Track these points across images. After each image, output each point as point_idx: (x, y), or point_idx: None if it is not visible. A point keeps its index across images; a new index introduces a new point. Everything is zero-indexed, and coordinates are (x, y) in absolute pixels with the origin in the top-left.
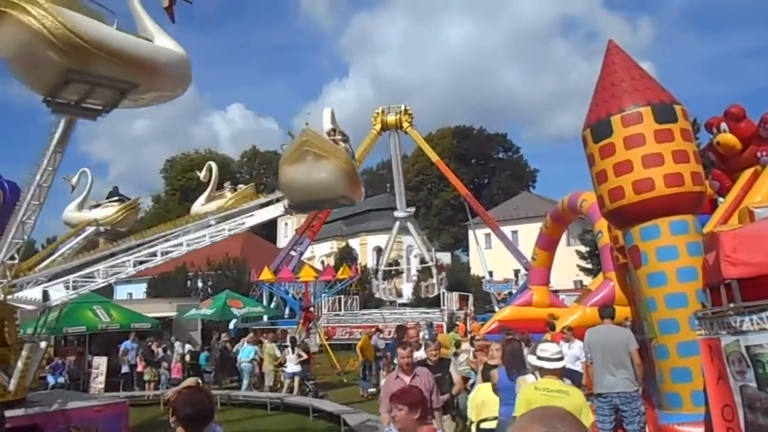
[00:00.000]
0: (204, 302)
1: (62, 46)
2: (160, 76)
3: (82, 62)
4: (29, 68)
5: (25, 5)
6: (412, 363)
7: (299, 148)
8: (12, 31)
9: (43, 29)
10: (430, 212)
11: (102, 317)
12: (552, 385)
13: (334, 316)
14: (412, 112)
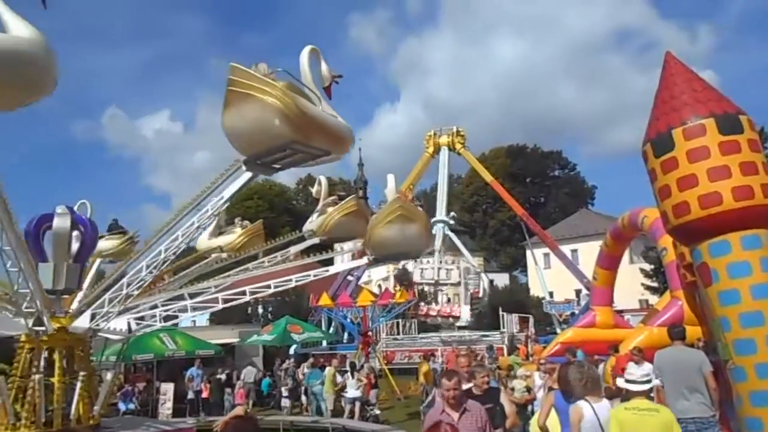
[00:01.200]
0: (265, 328)
1: (296, 123)
2: (343, 144)
3: (307, 136)
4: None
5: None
6: (460, 397)
7: (394, 212)
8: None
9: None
10: (486, 233)
11: (168, 345)
12: (641, 405)
13: (393, 340)
14: (465, 133)
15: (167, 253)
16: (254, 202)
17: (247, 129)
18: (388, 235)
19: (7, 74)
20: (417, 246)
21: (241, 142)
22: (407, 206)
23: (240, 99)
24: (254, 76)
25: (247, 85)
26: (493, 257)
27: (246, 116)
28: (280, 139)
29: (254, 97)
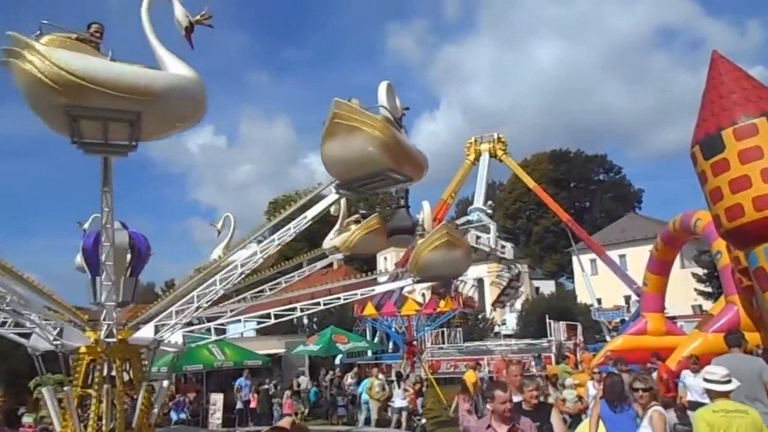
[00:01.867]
0: (310, 338)
1: (57, 86)
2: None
3: (79, 97)
4: (43, 112)
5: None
6: (512, 411)
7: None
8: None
9: (35, 71)
10: (531, 240)
11: (217, 355)
12: (729, 406)
13: (438, 350)
14: (506, 139)
15: (243, 269)
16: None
17: (348, 157)
18: (434, 259)
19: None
20: (373, 163)
21: (339, 169)
22: (453, 232)
23: (345, 131)
24: (357, 110)
25: (351, 118)
26: (538, 264)
27: (349, 146)
28: (378, 167)
29: (359, 129)
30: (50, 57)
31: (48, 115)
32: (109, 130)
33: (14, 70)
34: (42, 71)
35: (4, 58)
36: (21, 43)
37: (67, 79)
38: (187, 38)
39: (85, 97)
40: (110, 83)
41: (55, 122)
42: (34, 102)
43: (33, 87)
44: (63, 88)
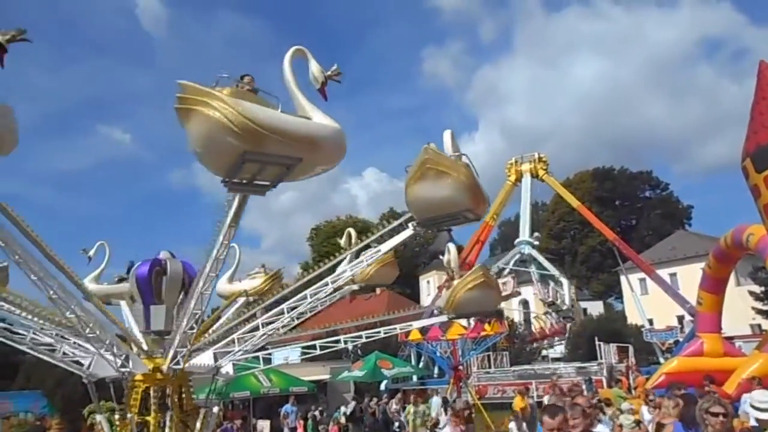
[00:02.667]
0: (355, 364)
1: (241, 132)
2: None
3: (257, 144)
4: (213, 155)
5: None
6: None
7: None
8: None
9: (224, 119)
10: (576, 260)
11: (263, 382)
12: None
13: (485, 374)
14: (547, 159)
15: (313, 299)
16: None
17: (435, 199)
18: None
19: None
20: (456, 204)
21: (423, 209)
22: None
23: (434, 175)
24: (198, 90)
25: (440, 164)
26: (585, 285)
27: (438, 189)
28: (459, 208)
29: (448, 174)
30: (237, 106)
31: (219, 159)
32: (262, 172)
33: (195, 117)
34: (229, 118)
35: (181, 105)
36: (202, 92)
37: (251, 128)
38: (321, 92)
39: (263, 144)
40: (284, 132)
41: (221, 165)
42: (211, 146)
43: (216, 133)
44: (247, 135)
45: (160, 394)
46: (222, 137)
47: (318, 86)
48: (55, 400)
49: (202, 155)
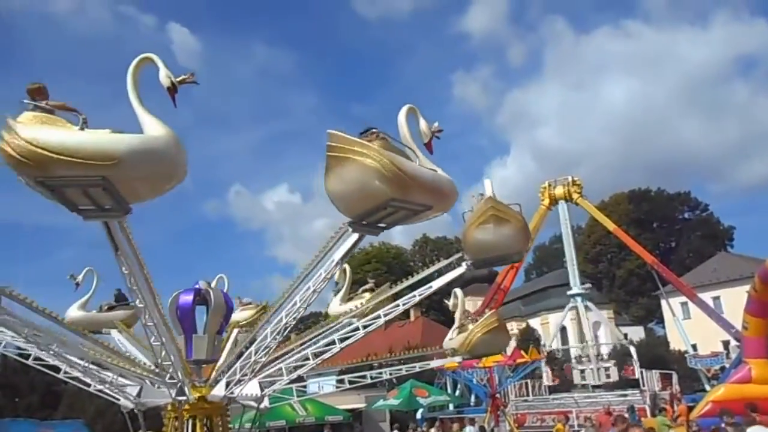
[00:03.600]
0: (390, 392)
1: (393, 180)
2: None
3: (405, 192)
4: (359, 198)
5: (363, 150)
6: None
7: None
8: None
9: (380, 167)
10: (614, 284)
11: (299, 411)
12: None
13: (523, 402)
14: (581, 182)
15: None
16: (372, 266)
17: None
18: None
19: (147, 170)
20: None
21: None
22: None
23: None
24: (352, 140)
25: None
26: (624, 309)
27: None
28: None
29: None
30: (389, 157)
31: (364, 203)
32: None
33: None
34: (384, 167)
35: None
36: (354, 143)
37: (401, 176)
38: (428, 146)
39: (408, 192)
40: (423, 182)
41: (362, 208)
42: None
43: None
44: (397, 183)
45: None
46: (373, 183)
47: (426, 140)
48: (96, 430)
49: (344, 197)
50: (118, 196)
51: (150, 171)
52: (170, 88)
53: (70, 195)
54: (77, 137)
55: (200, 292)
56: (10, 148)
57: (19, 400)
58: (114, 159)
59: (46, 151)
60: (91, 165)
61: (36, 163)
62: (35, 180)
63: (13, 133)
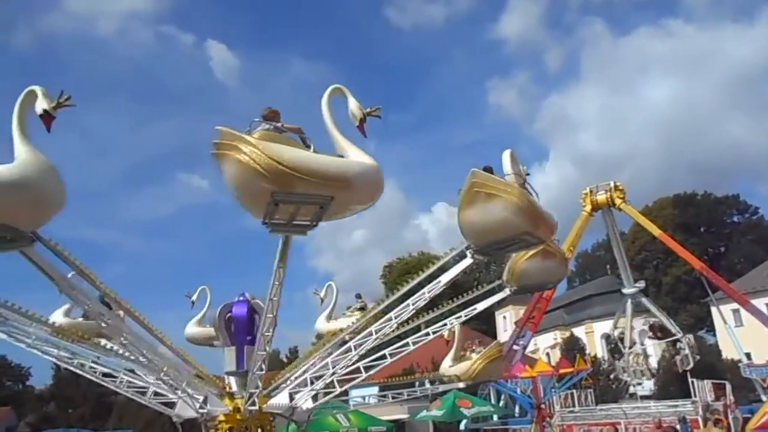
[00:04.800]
0: (433, 403)
1: (269, 174)
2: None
3: (287, 185)
4: (247, 197)
5: (239, 145)
6: None
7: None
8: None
9: (252, 162)
10: (661, 291)
11: (342, 422)
12: None
13: (569, 413)
14: (624, 186)
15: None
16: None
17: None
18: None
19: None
20: (511, 228)
21: (477, 234)
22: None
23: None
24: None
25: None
26: (673, 317)
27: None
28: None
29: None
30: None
31: (253, 201)
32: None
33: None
34: (257, 161)
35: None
36: (233, 137)
37: (279, 169)
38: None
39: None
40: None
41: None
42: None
43: (246, 176)
44: (275, 177)
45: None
46: (251, 180)
47: (356, 123)
48: None
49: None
50: (323, 214)
51: (363, 195)
52: (361, 119)
53: (283, 210)
54: (315, 158)
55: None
56: (251, 159)
57: (72, 411)
58: (348, 182)
59: (288, 167)
60: (325, 185)
61: (277, 177)
62: (271, 193)
63: (251, 146)
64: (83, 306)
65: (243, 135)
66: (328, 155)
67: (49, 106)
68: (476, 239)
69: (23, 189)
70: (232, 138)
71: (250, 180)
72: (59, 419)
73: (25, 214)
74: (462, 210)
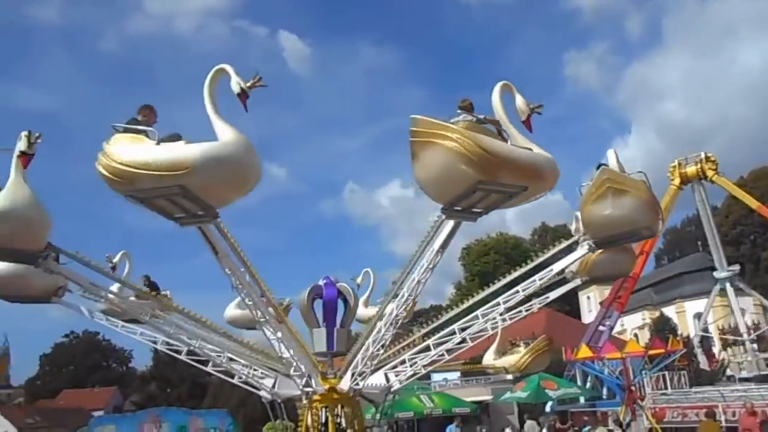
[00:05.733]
0: (517, 385)
1: (478, 162)
2: (543, 178)
3: (493, 174)
4: (445, 183)
5: (446, 133)
6: None
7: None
8: (435, 155)
9: (463, 150)
10: (759, 268)
11: (426, 403)
12: None
13: (661, 396)
14: (715, 158)
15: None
16: (491, 257)
17: (434, 177)
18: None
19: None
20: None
21: (432, 191)
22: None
23: (422, 148)
24: (434, 123)
25: (427, 134)
26: None
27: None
28: (466, 182)
29: (434, 143)
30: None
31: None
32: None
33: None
34: (468, 149)
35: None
36: (436, 125)
37: (487, 158)
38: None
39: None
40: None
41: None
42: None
43: (453, 163)
44: (483, 165)
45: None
46: (458, 167)
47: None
48: (238, 418)
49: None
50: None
51: (547, 184)
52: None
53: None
54: (517, 150)
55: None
56: (462, 147)
57: (170, 391)
58: (540, 173)
59: (496, 158)
60: (524, 176)
61: (486, 166)
62: (477, 182)
63: (461, 135)
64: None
65: (449, 124)
66: (520, 147)
67: (244, 85)
68: (598, 232)
69: (234, 165)
70: (436, 126)
71: (457, 166)
72: (159, 398)
73: (228, 191)
74: (589, 203)
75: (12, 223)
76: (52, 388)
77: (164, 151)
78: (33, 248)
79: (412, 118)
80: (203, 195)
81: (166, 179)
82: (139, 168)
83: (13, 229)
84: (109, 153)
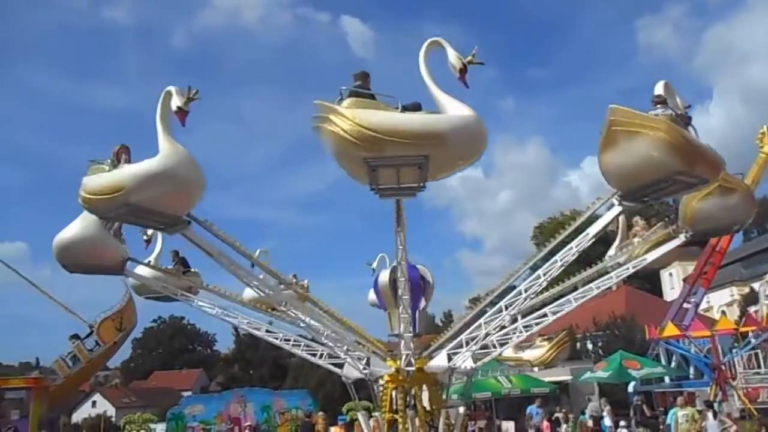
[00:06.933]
0: (598, 365)
1: (359, 141)
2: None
3: (377, 149)
4: (346, 166)
5: (330, 116)
6: None
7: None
8: (327, 141)
9: (342, 132)
10: None
11: (504, 384)
12: None
13: (754, 375)
14: None
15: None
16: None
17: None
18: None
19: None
20: (660, 168)
21: (621, 179)
22: (624, 116)
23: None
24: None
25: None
26: None
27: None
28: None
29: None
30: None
31: (351, 168)
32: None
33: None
34: (345, 130)
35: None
36: (327, 109)
37: (366, 134)
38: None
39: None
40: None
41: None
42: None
43: (340, 146)
44: (363, 142)
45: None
46: (344, 148)
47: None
48: (318, 398)
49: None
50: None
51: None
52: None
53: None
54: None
55: None
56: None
57: (252, 372)
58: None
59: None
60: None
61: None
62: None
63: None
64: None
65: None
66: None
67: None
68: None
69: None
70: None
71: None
72: (242, 380)
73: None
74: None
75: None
76: (143, 369)
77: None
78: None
79: (611, 108)
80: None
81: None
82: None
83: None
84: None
